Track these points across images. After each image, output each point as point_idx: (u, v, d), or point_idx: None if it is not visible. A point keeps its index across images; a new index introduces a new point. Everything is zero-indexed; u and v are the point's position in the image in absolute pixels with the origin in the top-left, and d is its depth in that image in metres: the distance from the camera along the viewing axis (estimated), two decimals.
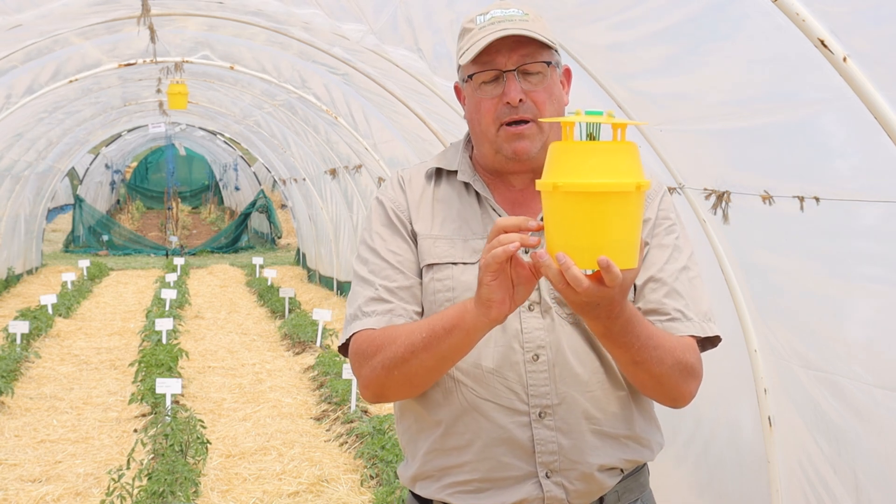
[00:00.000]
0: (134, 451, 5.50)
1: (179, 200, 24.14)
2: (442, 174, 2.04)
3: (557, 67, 1.95)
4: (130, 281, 16.01)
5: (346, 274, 13.24)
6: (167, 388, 6.60)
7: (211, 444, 6.07)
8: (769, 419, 3.44)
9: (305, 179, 14.63)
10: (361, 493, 5.42)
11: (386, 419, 6.22)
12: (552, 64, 1.92)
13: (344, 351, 1.98)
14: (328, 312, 9.56)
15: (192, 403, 7.44)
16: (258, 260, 16.22)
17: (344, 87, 8.23)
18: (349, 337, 1.94)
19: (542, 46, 1.90)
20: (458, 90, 2.03)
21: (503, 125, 1.91)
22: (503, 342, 1.89)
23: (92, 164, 23.40)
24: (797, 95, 2.78)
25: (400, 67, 5.68)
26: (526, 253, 1.76)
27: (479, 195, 1.99)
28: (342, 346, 1.98)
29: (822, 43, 2.37)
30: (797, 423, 3.29)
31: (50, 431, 6.79)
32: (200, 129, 20.89)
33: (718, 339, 1.96)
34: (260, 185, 22.74)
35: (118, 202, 25.70)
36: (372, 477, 5.54)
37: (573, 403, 1.89)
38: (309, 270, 16.22)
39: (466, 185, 2.01)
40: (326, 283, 14.57)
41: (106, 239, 21.14)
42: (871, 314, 2.89)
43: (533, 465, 1.90)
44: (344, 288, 13.29)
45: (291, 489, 5.53)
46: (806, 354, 3.17)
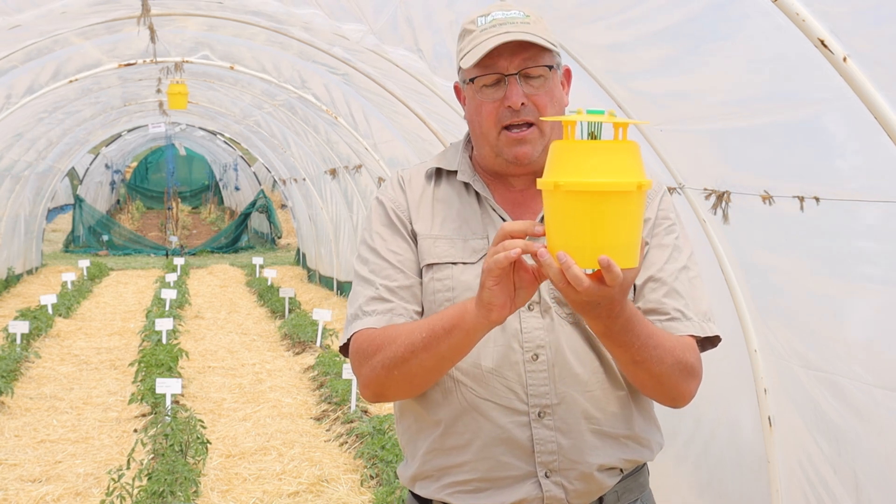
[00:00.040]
0: (134, 451, 5.50)
1: (179, 200, 24.13)
2: (442, 174, 2.04)
3: (558, 69, 1.95)
4: (130, 281, 16.00)
5: (346, 274, 13.24)
6: (167, 388, 6.60)
7: (211, 444, 6.07)
8: (769, 419, 3.44)
9: (305, 179, 14.62)
10: (361, 493, 5.42)
11: (386, 419, 6.22)
12: (553, 67, 1.92)
13: (345, 351, 1.98)
14: (328, 312, 9.56)
15: (192, 403, 7.44)
16: (258, 260, 16.21)
17: (344, 87, 8.23)
18: (350, 337, 1.95)
19: (543, 50, 1.89)
20: (457, 90, 2.03)
21: (504, 129, 1.90)
22: (503, 342, 1.89)
23: (92, 164, 23.39)
24: (797, 95, 2.78)
25: (400, 67, 5.67)
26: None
27: (478, 195, 1.99)
28: (343, 346, 1.98)
29: (822, 43, 2.37)
30: (797, 423, 3.28)
31: (50, 431, 6.79)
32: (200, 129, 20.88)
33: (718, 338, 1.96)
34: (260, 185, 22.74)
35: (118, 202, 25.69)
36: (372, 477, 5.54)
37: (572, 403, 1.89)
38: (309, 270, 16.21)
39: (466, 185, 2.01)
40: (326, 283, 14.57)
41: (106, 239, 21.13)
42: (871, 314, 2.89)
43: (532, 464, 1.89)
44: (344, 288, 13.29)
45: (291, 489, 5.52)
46: (806, 354, 3.17)
